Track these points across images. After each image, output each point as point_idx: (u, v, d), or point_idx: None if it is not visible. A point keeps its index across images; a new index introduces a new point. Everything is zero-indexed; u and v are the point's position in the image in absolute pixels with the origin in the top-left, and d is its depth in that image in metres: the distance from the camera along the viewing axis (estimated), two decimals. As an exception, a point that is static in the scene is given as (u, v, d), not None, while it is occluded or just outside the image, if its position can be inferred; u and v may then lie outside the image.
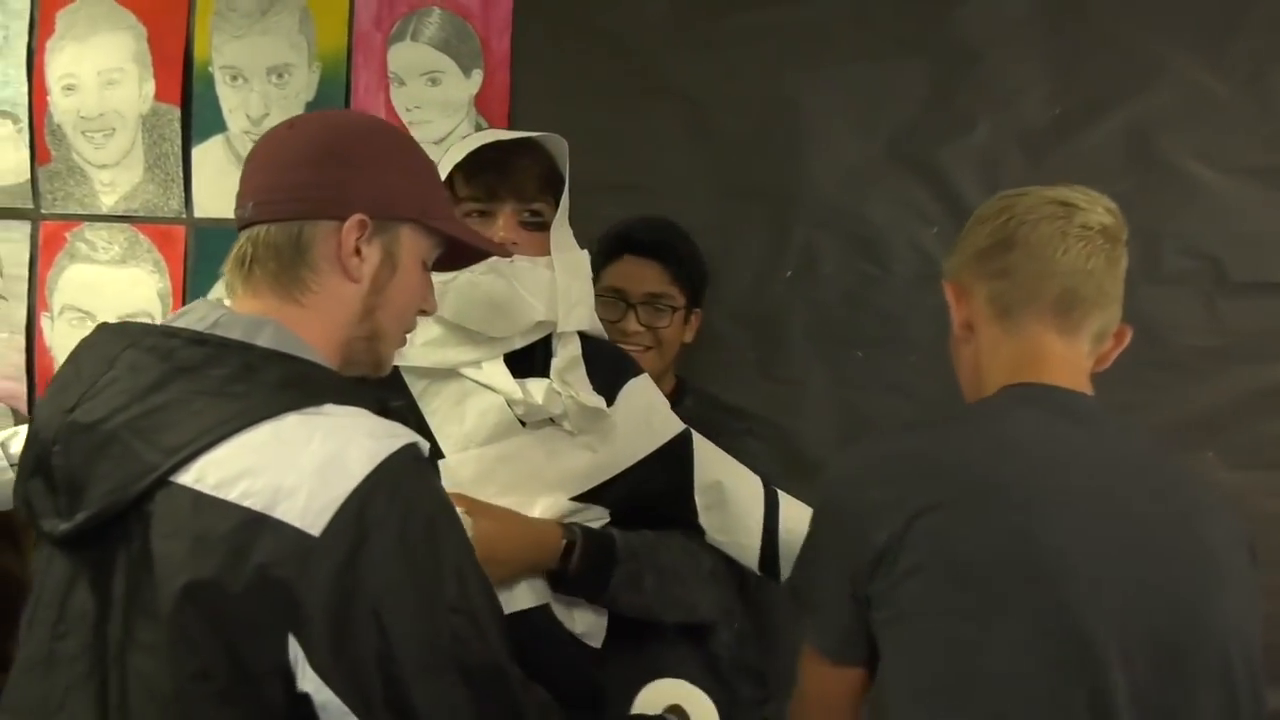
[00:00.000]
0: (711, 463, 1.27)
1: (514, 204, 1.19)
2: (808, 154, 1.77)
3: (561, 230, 1.22)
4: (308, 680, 0.73)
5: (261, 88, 1.87)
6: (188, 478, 0.75)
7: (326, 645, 0.72)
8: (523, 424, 1.18)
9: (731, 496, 1.27)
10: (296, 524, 0.73)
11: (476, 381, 1.17)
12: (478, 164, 1.19)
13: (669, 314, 1.52)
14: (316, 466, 0.75)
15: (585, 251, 1.25)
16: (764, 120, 1.77)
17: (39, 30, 1.93)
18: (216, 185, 1.89)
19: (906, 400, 1.71)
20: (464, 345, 1.18)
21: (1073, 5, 1.71)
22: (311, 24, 1.84)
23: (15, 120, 1.96)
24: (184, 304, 1.84)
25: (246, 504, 0.74)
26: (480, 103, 1.79)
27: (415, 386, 1.20)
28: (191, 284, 1.93)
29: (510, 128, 1.79)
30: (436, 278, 1.06)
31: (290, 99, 1.85)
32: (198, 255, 1.92)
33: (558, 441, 1.19)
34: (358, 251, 0.89)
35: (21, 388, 1.96)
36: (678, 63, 1.78)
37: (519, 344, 1.19)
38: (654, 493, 1.24)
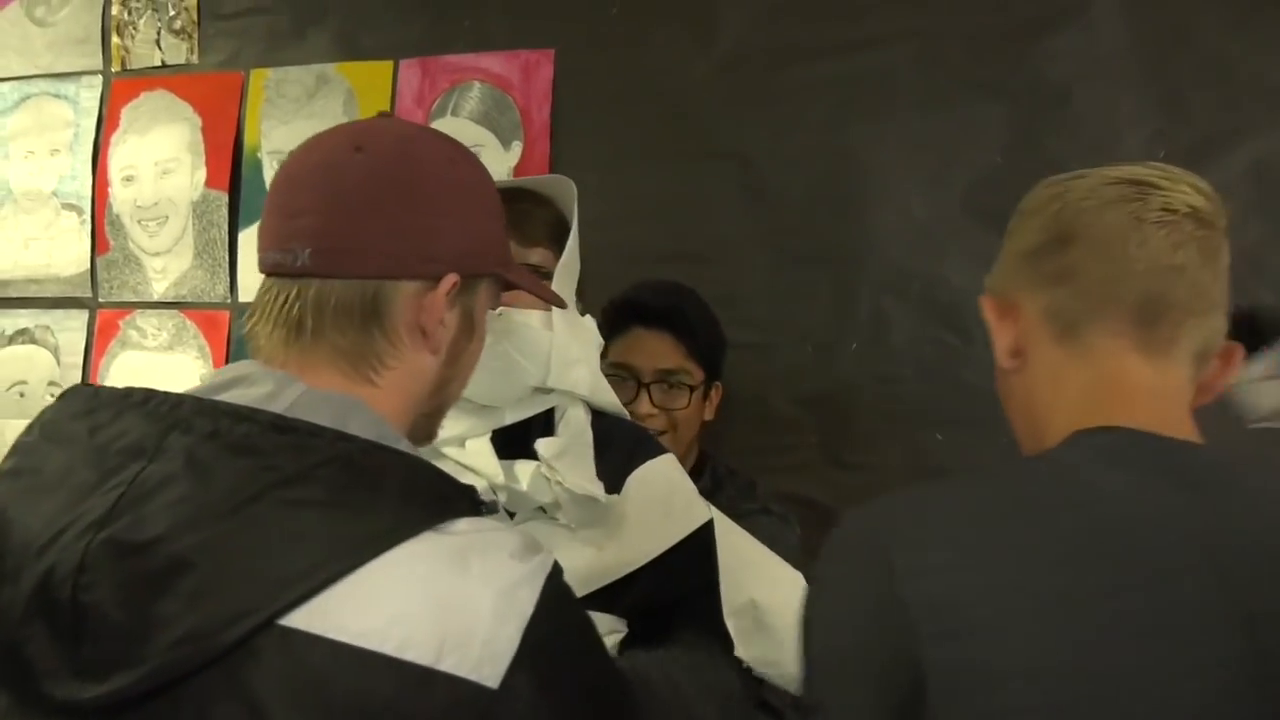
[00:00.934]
0: (740, 570, 1.06)
1: (514, 244, 1.01)
2: (874, 212, 1.56)
3: (564, 283, 1.05)
4: None
5: None
6: (305, 620, 0.54)
7: None
8: (510, 515, 1.01)
9: (771, 616, 1.05)
10: (472, 678, 0.55)
11: (459, 463, 1.00)
12: None
13: (686, 393, 1.32)
14: (488, 607, 0.57)
15: (590, 318, 1.10)
16: (824, 178, 1.58)
17: (106, 126, 1.96)
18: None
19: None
20: (450, 418, 0.97)
21: (1176, 32, 1.47)
22: (355, 105, 1.80)
23: (80, 213, 1.97)
24: None
25: (408, 658, 0.54)
26: (520, 174, 1.68)
27: None
28: None
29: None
30: None
31: None
32: (240, 340, 1.84)
33: (554, 538, 0.99)
34: (442, 318, 0.70)
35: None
36: (727, 122, 1.63)
37: (510, 418, 1.02)
38: (675, 596, 1.02)
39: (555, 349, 1.01)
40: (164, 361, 1.88)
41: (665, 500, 1.05)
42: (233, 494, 0.56)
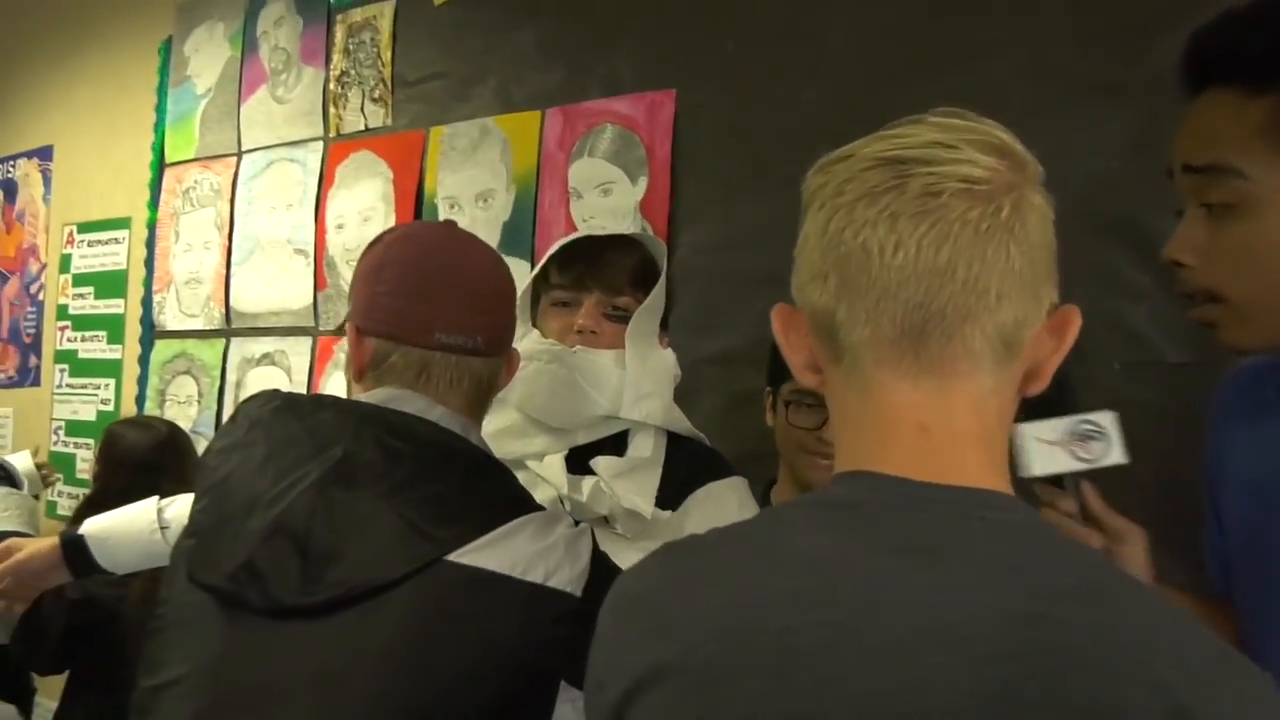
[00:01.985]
0: None
1: (600, 294, 1.15)
2: None
3: (643, 323, 1.14)
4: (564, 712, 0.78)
5: (471, 212, 1.95)
6: (464, 557, 0.80)
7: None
8: (576, 522, 1.05)
9: None
10: (566, 589, 0.81)
11: (537, 474, 1.10)
12: (572, 254, 1.17)
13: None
14: (564, 551, 0.83)
15: (670, 351, 1.16)
16: None
17: (324, 183, 2.24)
18: None
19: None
20: (531, 436, 1.14)
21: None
22: (510, 152, 1.91)
23: (306, 256, 2.26)
24: None
25: (529, 579, 0.81)
26: (645, 207, 1.73)
27: None
28: None
29: (671, 226, 1.73)
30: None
31: (492, 220, 1.92)
32: None
33: (612, 544, 1.04)
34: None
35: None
36: (832, 145, 1.57)
37: (583, 439, 1.12)
38: None
39: (627, 384, 1.10)
40: None
41: (724, 518, 1.08)
42: (410, 477, 0.81)
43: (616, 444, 1.14)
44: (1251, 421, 0.85)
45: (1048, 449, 0.80)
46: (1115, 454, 0.81)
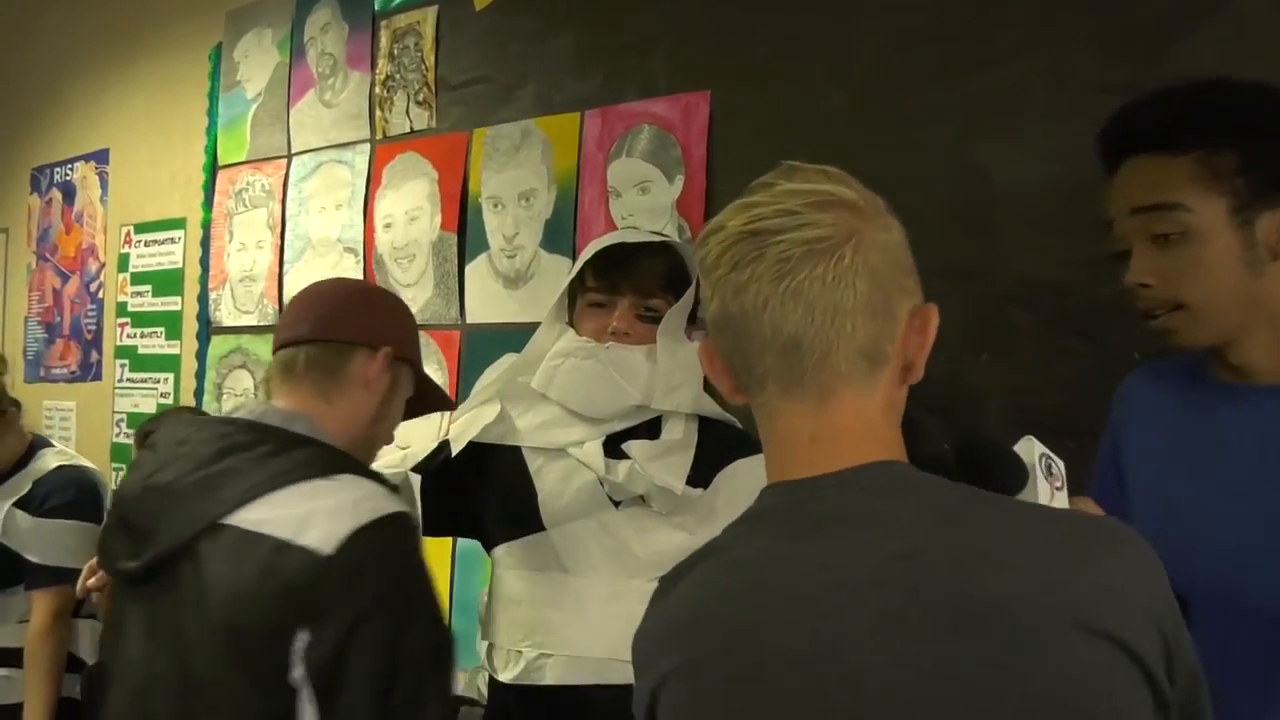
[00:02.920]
0: None
1: (632, 298, 1.24)
2: (1003, 225, 1.56)
3: (673, 321, 1.25)
4: (298, 667, 0.94)
5: (514, 211, 2.04)
6: (237, 519, 0.99)
7: (330, 639, 0.93)
8: (616, 503, 1.20)
9: None
10: (314, 546, 0.95)
11: (578, 459, 1.22)
12: (606, 260, 1.26)
13: None
14: (332, 510, 0.98)
15: (698, 343, 1.23)
16: (953, 195, 1.60)
17: (372, 184, 2.34)
18: (481, 295, 2.09)
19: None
20: (571, 426, 1.23)
21: (1334, 16, 1.32)
22: (551, 153, 1.99)
23: (356, 255, 2.38)
24: (458, 396, 2.07)
25: (280, 535, 0.97)
26: (681, 205, 1.80)
27: (533, 463, 1.26)
28: (463, 378, 2.13)
29: (706, 223, 1.79)
30: (550, 360, 1.26)
31: (534, 218, 2.00)
32: (468, 354, 2.14)
33: (649, 520, 1.19)
34: (383, 374, 1.14)
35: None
36: (859, 146, 1.67)
37: (618, 426, 1.22)
38: None
39: (659, 377, 1.21)
40: None
41: (753, 493, 1.21)
42: (211, 460, 1.02)
43: (651, 430, 1.24)
44: (1160, 405, 1.06)
45: (1055, 506, 0.86)
46: (1060, 463, 0.89)
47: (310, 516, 0.96)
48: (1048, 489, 0.84)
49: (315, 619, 0.93)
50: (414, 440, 1.41)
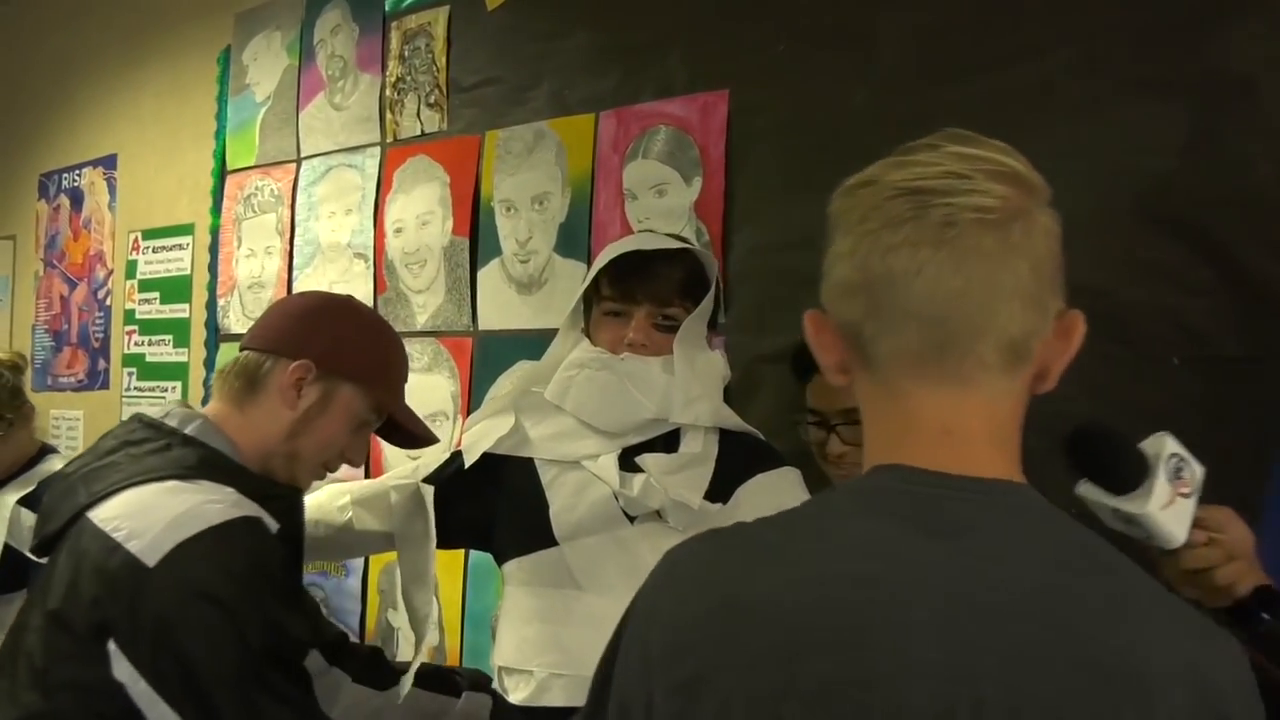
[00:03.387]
0: None
1: (649, 307, 1.22)
2: None
3: (691, 330, 1.23)
4: (123, 671, 0.94)
5: (527, 215, 2.02)
6: (94, 514, 1.02)
7: (146, 646, 0.94)
8: (629, 518, 1.18)
9: None
10: (139, 555, 0.96)
11: (593, 473, 1.20)
12: (622, 267, 1.24)
13: None
14: (169, 518, 0.98)
15: (718, 352, 1.26)
16: None
17: (383, 188, 2.33)
18: (494, 301, 2.07)
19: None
20: (585, 438, 1.21)
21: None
22: (565, 155, 1.97)
23: (366, 260, 2.36)
24: (470, 403, 2.08)
25: (115, 536, 0.98)
26: (699, 207, 1.78)
27: (545, 475, 1.25)
28: (475, 386, 2.12)
29: (726, 226, 1.79)
30: (564, 370, 1.23)
31: (548, 222, 1.98)
32: (481, 361, 2.12)
33: (665, 536, 1.14)
34: (298, 387, 1.12)
35: (359, 473, 2.25)
36: (883, 144, 1.63)
37: (633, 439, 1.20)
38: None
39: (676, 388, 1.18)
40: (424, 381, 2.20)
41: (774, 508, 1.18)
42: (106, 453, 1.07)
43: (669, 443, 1.22)
44: None
45: (1173, 512, 0.84)
46: (1197, 467, 0.86)
47: (150, 521, 0.97)
48: (1167, 492, 0.80)
49: (124, 630, 0.94)
50: (427, 450, 1.38)
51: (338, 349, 1.15)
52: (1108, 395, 1.47)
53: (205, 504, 0.99)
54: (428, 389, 2.18)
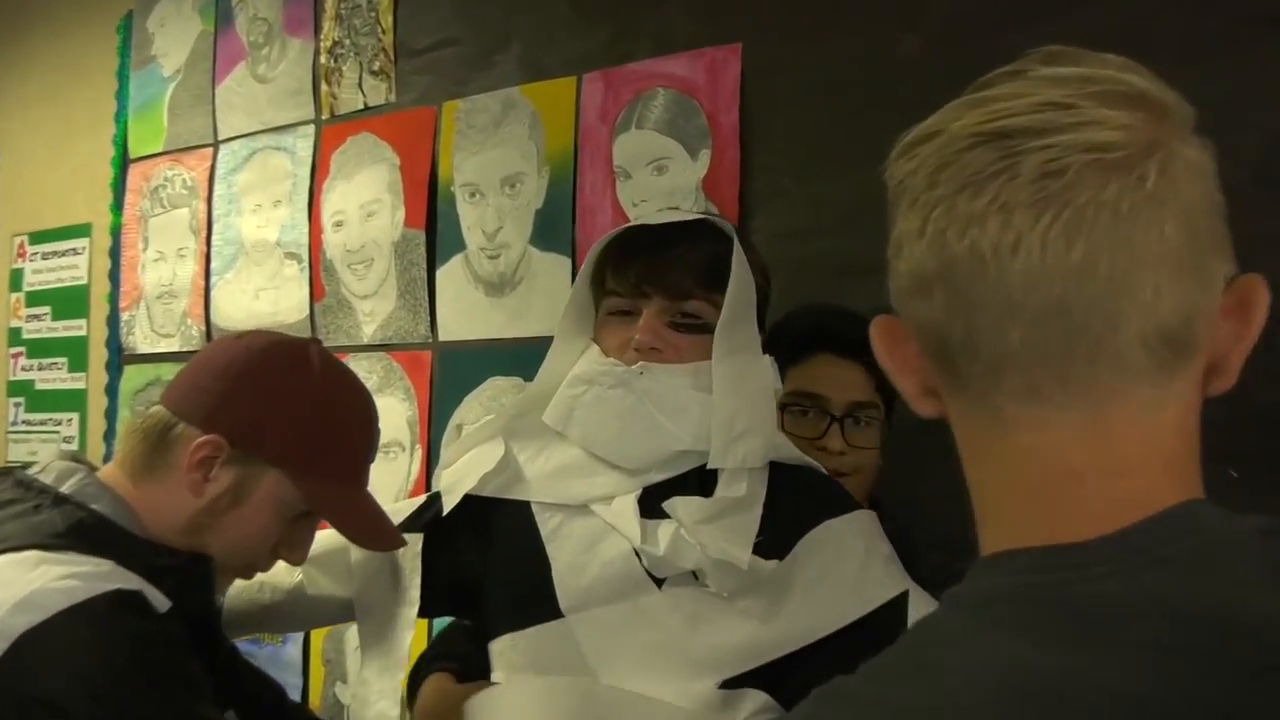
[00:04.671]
0: None
1: (661, 301, 1.08)
2: None
3: (733, 334, 1.07)
4: None
5: (496, 201, 1.89)
6: None
7: None
8: (657, 581, 1.04)
9: None
10: None
11: (605, 521, 1.06)
12: (628, 250, 1.11)
13: (877, 430, 1.28)
14: (15, 601, 0.86)
15: (768, 359, 1.10)
16: None
17: (318, 174, 2.17)
18: (457, 306, 1.94)
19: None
20: (596, 475, 1.08)
21: None
22: (540, 128, 1.85)
23: (299, 260, 2.19)
24: (430, 431, 1.93)
25: None
26: (709, 186, 1.66)
27: (545, 524, 1.09)
28: (437, 410, 1.96)
29: (742, 209, 1.65)
30: (567, 388, 1.09)
31: (522, 209, 1.86)
32: (443, 379, 1.96)
33: (704, 605, 1.02)
34: (204, 469, 0.99)
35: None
36: (941, 105, 1.47)
37: (657, 476, 1.07)
38: None
39: (717, 423, 1.04)
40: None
41: (847, 566, 1.03)
42: None
43: (703, 478, 1.08)
44: None
45: None
46: None
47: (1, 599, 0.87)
48: None
49: None
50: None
51: (263, 422, 1.00)
52: (1225, 397, 1.31)
53: (63, 580, 0.88)
54: (381, 415, 1.96)
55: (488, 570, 1.14)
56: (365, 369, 2.04)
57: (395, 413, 1.99)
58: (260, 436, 0.99)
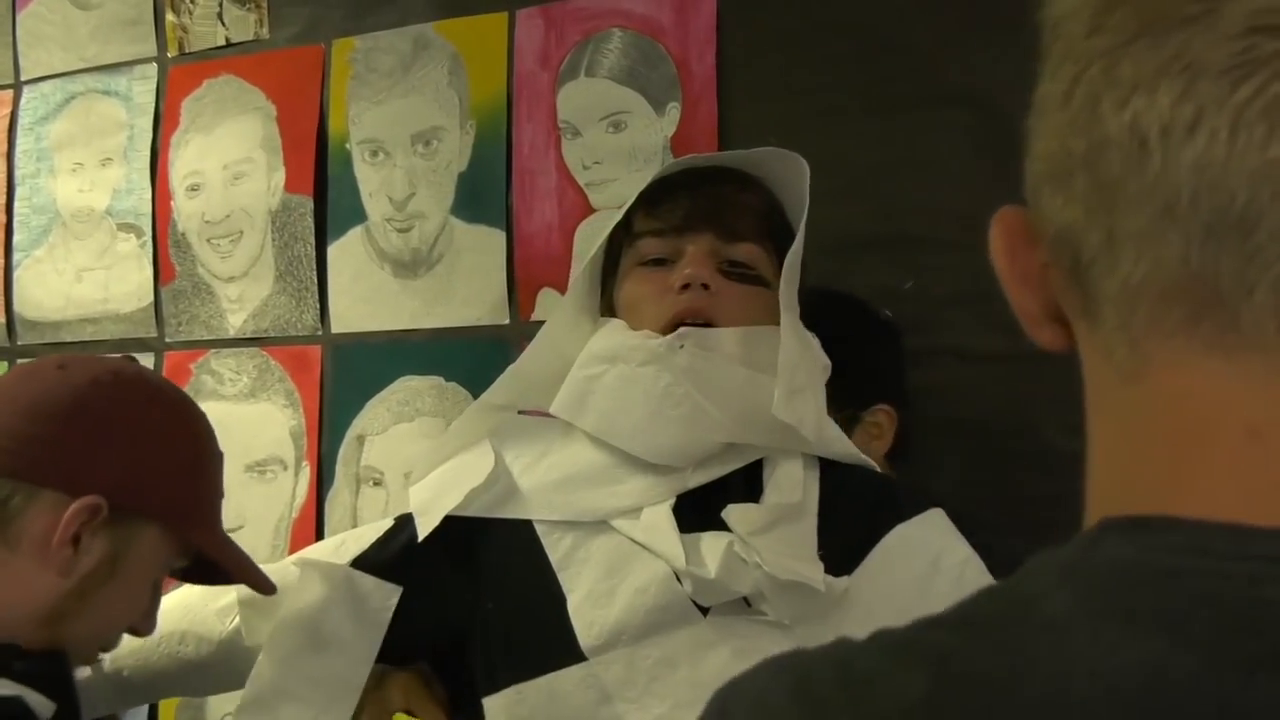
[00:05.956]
0: None
1: (711, 239, 1.02)
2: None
3: (793, 292, 1.03)
4: None
5: (406, 162, 1.75)
6: None
7: None
8: (701, 609, 0.98)
9: None
10: None
11: (633, 540, 0.99)
12: (666, 188, 1.05)
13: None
14: None
15: (814, 336, 1.05)
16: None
17: (164, 125, 1.93)
18: (356, 290, 1.78)
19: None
20: (619, 480, 1.02)
21: None
22: (463, 73, 1.72)
23: (139, 234, 1.95)
24: (321, 443, 1.77)
25: None
26: (679, 145, 1.58)
27: (555, 548, 1.02)
28: (329, 418, 1.77)
29: None
30: (581, 369, 1.02)
31: (440, 171, 1.73)
32: (338, 381, 1.78)
33: (761, 636, 0.96)
34: (76, 541, 0.88)
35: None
36: (957, 54, 1.44)
37: (695, 480, 1.01)
38: None
39: (781, 372, 0.98)
40: (246, 413, 1.82)
41: (929, 580, 0.98)
42: None
43: (750, 480, 1.03)
44: None
45: None
46: None
47: None
48: None
49: None
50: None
51: (139, 470, 0.92)
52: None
53: None
54: (250, 426, 1.80)
55: (479, 610, 1.05)
56: (232, 368, 1.84)
57: (274, 422, 1.80)
58: (139, 488, 0.92)
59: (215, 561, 0.98)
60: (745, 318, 1.00)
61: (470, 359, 1.63)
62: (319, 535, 1.71)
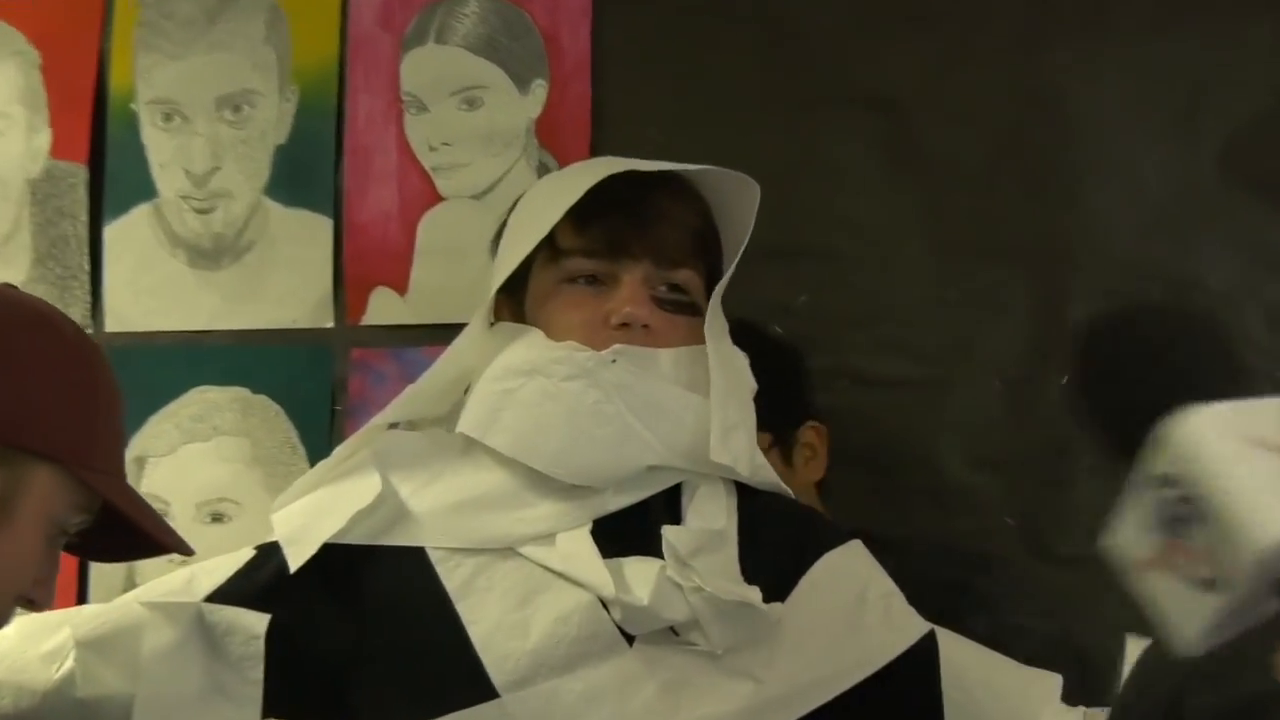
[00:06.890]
0: (977, 703, 1.06)
1: (649, 266, 1.07)
2: (1086, 182, 1.44)
3: (719, 320, 1.11)
4: None
5: (209, 129, 1.67)
6: None
7: None
8: (627, 637, 1.02)
9: None
10: None
11: (547, 568, 1.03)
12: (599, 203, 1.07)
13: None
14: None
15: (743, 354, 1.13)
16: (1011, 133, 1.45)
17: None
18: (141, 282, 1.69)
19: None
20: (530, 504, 1.05)
21: None
22: (284, 29, 1.66)
23: None
24: None
25: None
26: (544, 130, 1.56)
27: (451, 576, 1.04)
28: None
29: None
30: (492, 382, 1.04)
31: (253, 143, 1.66)
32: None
33: (689, 667, 1.01)
34: None
35: None
36: (863, 52, 1.48)
37: (615, 503, 1.05)
38: None
39: (714, 407, 1.04)
40: None
41: (856, 611, 1.05)
42: None
43: (664, 508, 1.07)
44: None
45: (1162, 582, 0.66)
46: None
47: None
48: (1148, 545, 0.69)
49: None
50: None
51: (29, 404, 0.92)
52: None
53: None
54: None
55: (364, 647, 1.06)
56: (-28, 372, 1.61)
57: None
58: (29, 423, 0.91)
59: (123, 514, 0.96)
60: (680, 344, 1.06)
61: (284, 368, 1.57)
62: (82, 584, 1.56)
